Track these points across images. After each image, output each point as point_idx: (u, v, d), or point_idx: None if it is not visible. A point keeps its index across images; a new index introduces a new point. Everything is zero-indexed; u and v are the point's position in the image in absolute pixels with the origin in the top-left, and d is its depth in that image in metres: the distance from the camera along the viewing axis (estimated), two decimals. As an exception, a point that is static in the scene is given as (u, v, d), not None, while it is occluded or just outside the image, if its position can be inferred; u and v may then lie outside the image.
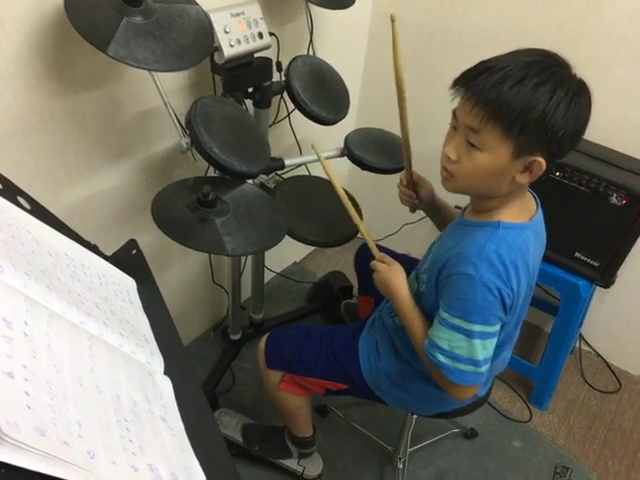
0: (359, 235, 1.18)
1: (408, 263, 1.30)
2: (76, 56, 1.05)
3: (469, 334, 0.87)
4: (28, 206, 0.73)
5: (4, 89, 0.98)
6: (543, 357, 1.68)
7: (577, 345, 1.92)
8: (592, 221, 1.45)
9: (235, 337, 1.74)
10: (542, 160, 0.83)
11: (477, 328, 0.87)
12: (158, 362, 0.69)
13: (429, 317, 0.98)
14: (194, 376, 0.71)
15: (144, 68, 0.92)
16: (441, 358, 0.90)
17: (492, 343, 0.89)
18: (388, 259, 1.08)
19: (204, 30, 1.04)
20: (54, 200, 1.18)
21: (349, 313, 1.87)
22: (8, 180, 0.71)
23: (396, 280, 1.04)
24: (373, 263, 1.08)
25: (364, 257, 1.43)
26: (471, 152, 0.85)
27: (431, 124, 1.86)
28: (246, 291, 1.78)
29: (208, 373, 1.67)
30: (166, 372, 0.69)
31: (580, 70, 1.48)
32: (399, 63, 1.08)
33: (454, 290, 0.88)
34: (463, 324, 0.87)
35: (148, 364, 0.67)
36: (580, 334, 1.90)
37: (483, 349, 0.88)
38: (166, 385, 0.66)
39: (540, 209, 0.97)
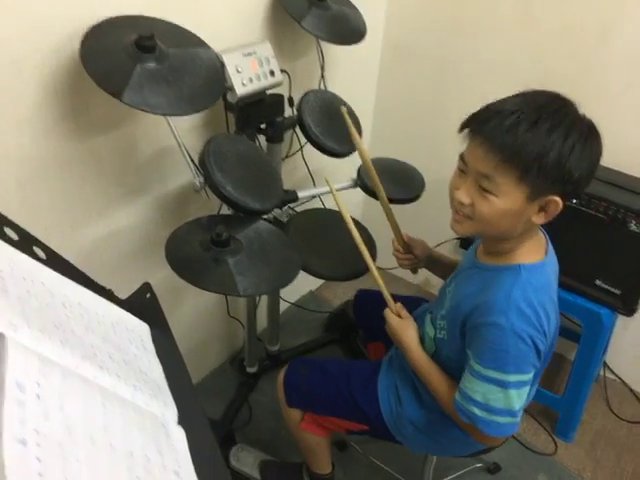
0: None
1: (408, 302, 1.27)
2: (92, 100, 1.08)
3: (505, 385, 0.85)
4: (44, 255, 0.73)
5: (20, 134, 1.01)
6: (567, 387, 1.64)
7: (601, 373, 1.87)
8: (612, 248, 1.43)
9: (251, 370, 1.73)
10: (559, 199, 0.81)
11: (512, 378, 0.85)
12: (172, 412, 0.68)
13: (454, 363, 0.96)
14: (207, 425, 0.70)
15: (158, 113, 0.94)
16: (476, 411, 0.87)
17: (527, 391, 0.87)
18: (404, 313, 1.07)
19: (216, 73, 1.06)
20: (72, 240, 1.20)
21: (365, 343, 1.85)
22: (24, 230, 0.72)
23: (407, 337, 1.03)
24: (386, 312, 1.07)
25: (362, 305, 1.43)
26: (484, 196, 0.84)
27: (446, 153, 1.86)
28: (262, 322, 1.78)
29: (225, 407, 1.66)
30: (180, 422, 0.69)
31: (595, 96, 1.49)
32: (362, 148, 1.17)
33: (485, 341, 0.86)
34: (498, 375, 0.85)
35: (162, 415, 0.66)
36: (604, 362, 1.85)
37: (519, 398, 0.86)
38: (180, 437, 0.65)
39: (549, 240, 0.96)
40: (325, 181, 1.23)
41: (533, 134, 0.77)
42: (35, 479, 0.42)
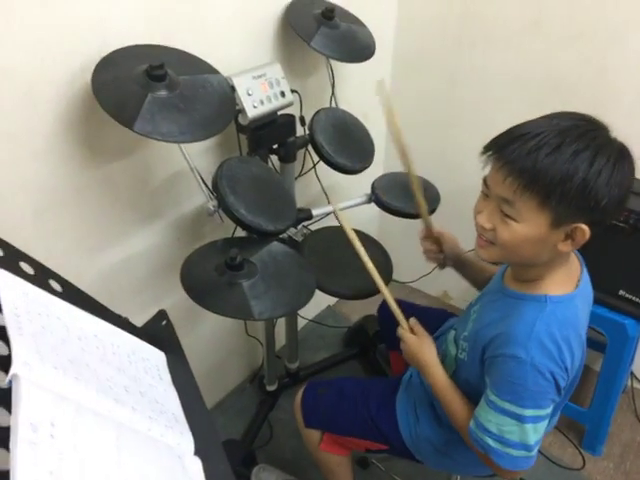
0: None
1: (434, 316, 1.25)
2: (106, 128, 1.09)
3: (521, 419, 0.82)
4: (60, 288, 0.75)
5: (39, 165, 1.03)
6: (593, 399, 1.60)
7: (629, 383, 1.82)
8: (634, 258, 1.40)
9: (271, 388, 1.73)
10: (585, 227, 0.77)
11: (529, 413, 0.82)
12: (188, 442, 0.69)
13: (472, 387, 0.94)
14: (223, 454, 0.70)
15: (170, 141, 0.95)
16: (490, 442, 0.85)
17: (544, 425, 0.84)
18: (418, 329, 1.04)
19: (226, 98, 1.07)
20: (90, 265, 1.21)
21: (385, 357, 1.83)
22: (40, 264, 0.74)
23: (424, 355, 1.00)
24: (400, 332, 1.04)
25: (388, 312, 1.40)
26: (506, 222, 0.81)
27: (458, 164, 1.86)
28: (280, 339, 1.78)
29: (246, 426, 1.66)
30: (196, 452, 0.69)
31: (610, 101, 1.47)
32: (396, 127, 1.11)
33: (503, 373, 0.84)
34: (514, 408, 0.82)
35: (178, 445, 0.67)
36: (631, 372, 1.80)
37: (535, 432, 0.83)
38: (196, 469, 0.65)
39: (585, 268, 0.92)
40: (333, 208, 1.22)
41: (555, 159, 0.74)
42: (49, 523, 0.42)
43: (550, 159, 0.74)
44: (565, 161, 0.74)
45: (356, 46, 1.39)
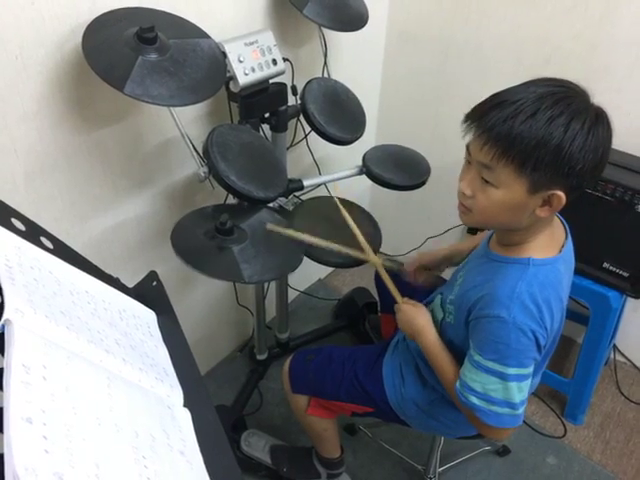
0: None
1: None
2: (97, 93, 1.09)
3: (504, 377, 0.85)
4: (51, 245, 0.75)
5: (29, 128, 1.03)
6: (576, 370, 1.64)
7: (611, 356, 1.86)
8: (619, 231, 1.42)
9: (261, 357, 1.76)
10: (561, 194, 0.79)
11: (512, 371, 0.85)
12: (177, 395, 0.70)
13: (457, 348, 0.97)
14: (212, 408, 0.72)
15: (159, 104, 0.95)
16: (475, 400, 0.88)
17: (528, 384, 0.87)
18: (412, 302, 1.08)
19: (217, 63, 1.07)
20: (82, 231, 1.22)
21: (374, 328, 1.86)
22: (31, 221, 0.74)
23: (419, 320, 1.02)
24: (396, 305, 1.08)
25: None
26: (486, 188, 0.83)
27: (450, 139, 1.87)
28: (271, 310, 1.80)
29: (236, 394, 1.69)
30: (185, 404, 0.71)
31: (601, 76, 1.47)
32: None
33: (486, 333, 0.86)
34: (498, 367, 0.85)
35: (167, 397, 0.68)
36: (614, 345, 1.85)
37: (519, 391, 0.86)
38: (185, 418, 0.67)
39: (570, 236, 0.95)
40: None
41: (530, 125, 0.76)
42: (41, 455, 0.44)
43: (526, 126, 0.76)
44: (540, 128, 0.75)
45: (349, 15, 1.38)
